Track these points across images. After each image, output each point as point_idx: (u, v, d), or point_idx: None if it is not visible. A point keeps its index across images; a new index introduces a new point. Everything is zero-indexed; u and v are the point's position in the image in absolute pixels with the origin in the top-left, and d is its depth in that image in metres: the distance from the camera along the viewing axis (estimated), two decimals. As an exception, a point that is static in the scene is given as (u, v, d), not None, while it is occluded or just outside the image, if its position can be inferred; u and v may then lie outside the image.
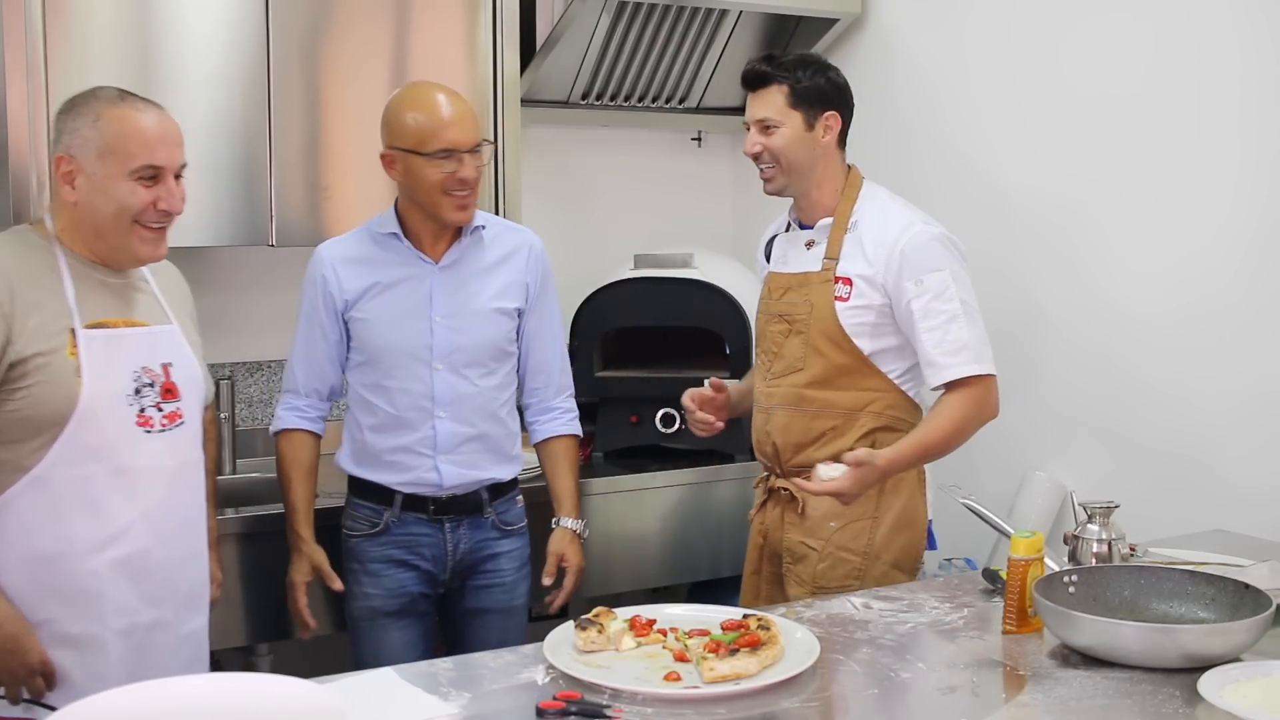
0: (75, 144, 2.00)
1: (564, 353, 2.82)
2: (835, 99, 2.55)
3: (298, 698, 1.55)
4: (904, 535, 2.54)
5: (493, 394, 2.63)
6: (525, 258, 2.65)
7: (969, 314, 2.47)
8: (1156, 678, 1.73)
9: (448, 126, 2.49)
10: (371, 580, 2.62)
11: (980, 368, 2.46)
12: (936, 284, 2.46)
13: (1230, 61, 2.66)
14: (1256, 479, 2.62)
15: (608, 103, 3.75)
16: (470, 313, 2.59)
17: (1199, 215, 2.74)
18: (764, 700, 1.68)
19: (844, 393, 2.53)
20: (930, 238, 2.49)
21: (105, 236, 2.05)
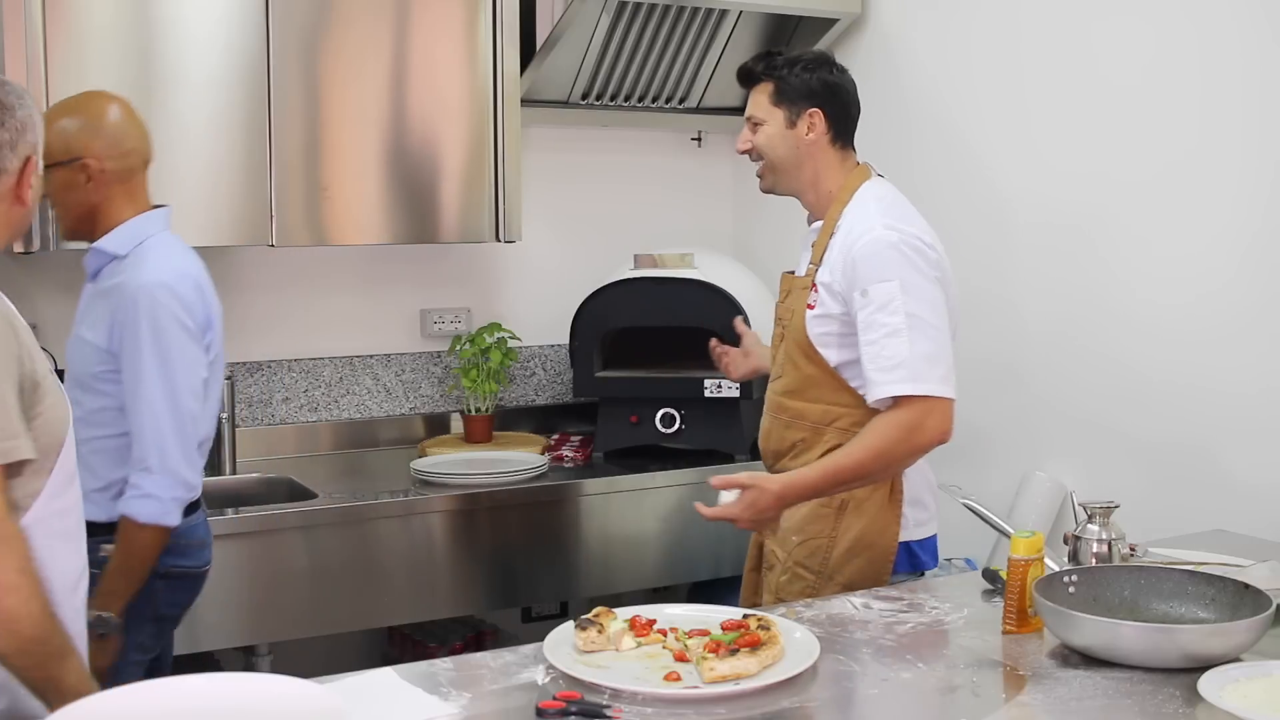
0: (36, 142, 1.77)
1: (156, 423, 2.33)
2: (821, 95, 2.44)
3: (298, 698, 1.55)
4: (861, 559, 2.39)
5: (78, 427, 2.12)
6: (123, 294, 2.33)
7: (915, 328, 2.27)
8: (1156, 678, 1.73)
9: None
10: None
11: (915, 388, 2.25)
12: (882, 295, 2.29)
13: (1232, 57, 2.66)
14: (1257, 479, 2.63)
15: (608, 103, 3.75)
16: (83, 332, 2.40)
17: (1200, 214, 2.74)
18: (764, 700, 1.68)
19: (813, 405, 2.41)
20: (885, 244, 2.31)
21: (16, 237, 1.87)
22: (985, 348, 3.20)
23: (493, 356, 3.56)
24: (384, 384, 3.66)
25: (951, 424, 2.31)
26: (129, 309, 2.31)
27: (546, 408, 3.88)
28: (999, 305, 3.19)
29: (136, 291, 2.32)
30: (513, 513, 3.13)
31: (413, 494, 3.09)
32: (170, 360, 2.33)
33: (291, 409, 3.54)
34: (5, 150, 1.71)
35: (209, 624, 2.80)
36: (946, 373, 2.29)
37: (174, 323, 2.33)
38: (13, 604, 1.56)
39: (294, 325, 3.55)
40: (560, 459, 3.47)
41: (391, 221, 3.24)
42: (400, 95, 3.21)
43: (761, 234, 3.99)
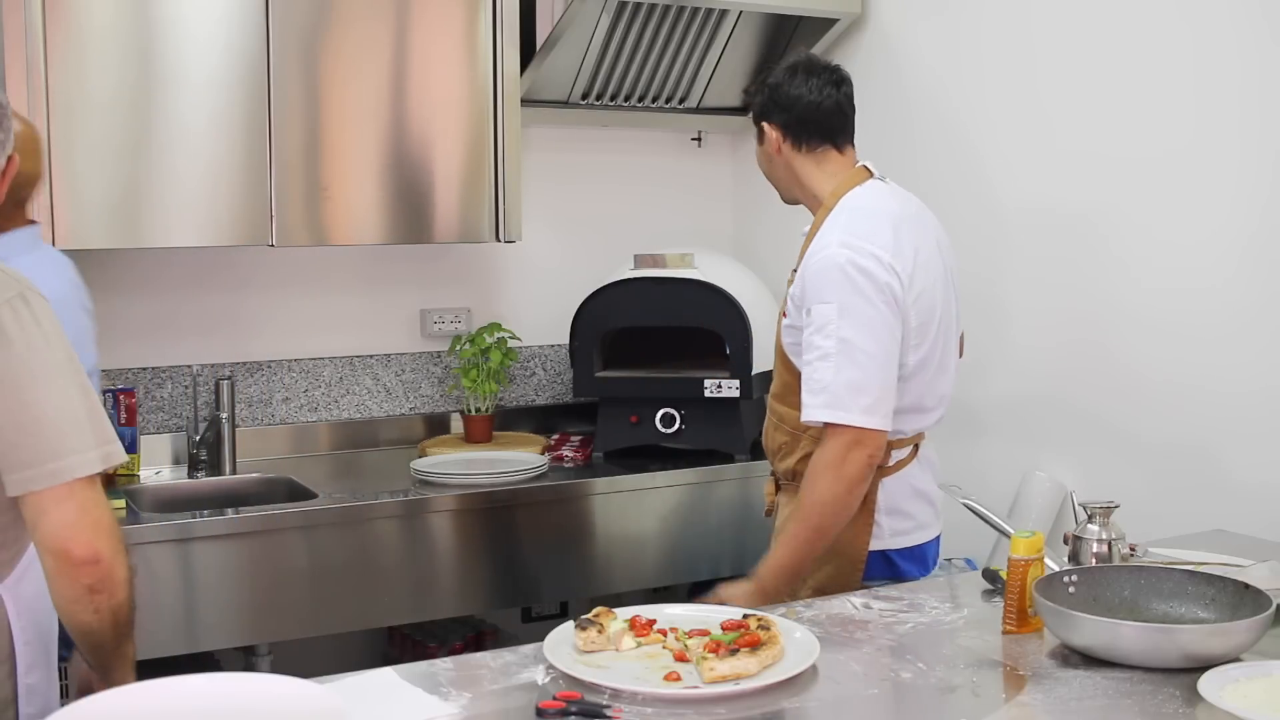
0: (12, 140, 1.76)
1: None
2: (769, 108, 2.47)
3: (298, 698, 1.55)
4: (831, 565, 2.40)
5: None
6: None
7: (844, 354, 2.25)
8: (1156, 678, 1.73)
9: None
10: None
11: (834, 415, 2.25)
12: (820, 317, 2.29)
13: (1229, 55, 2.66)
14: (1257, 479, 2.63)
15: (608, 103, 3.75)
16: None
17: (1199, 213, 2.74)
18: (764, 700, 1.68)
19: (791, 410, 2.41)
20: (831, 264, 2.29)
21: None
22: (985, 347, 3.20)
23: (493, 356, 3.56)
24: (384, 384, 3.67)
25: (880, 451, 2.31)
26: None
27: (546, 408, 3.88)
28: (999, 304, 3.19)
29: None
30: (513, 513, 3.13)
31: (413, 494, 3.09)
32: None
33: (291, 409, 3.54)
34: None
35: (209, 624, 2.80)
36: (873, 403, 2.26)
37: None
38: (125, 596, 1.68)
39: (294, 325, 3.55)
40: (560, 459, 3.47)
41: (391, 221, 3.24)
42: (400, 95, 3.21)
43: (761, 234, 3.99)
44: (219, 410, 3.27)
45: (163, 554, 2.74)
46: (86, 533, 1.62)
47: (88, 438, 1.63)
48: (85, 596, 1.64)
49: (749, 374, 3.37)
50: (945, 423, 3.38)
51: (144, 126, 2.93)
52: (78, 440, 1.62)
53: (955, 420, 3.31)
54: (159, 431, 3.36)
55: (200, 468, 3.27)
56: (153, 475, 3.26)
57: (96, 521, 1.63)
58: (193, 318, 3.41)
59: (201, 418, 3.33)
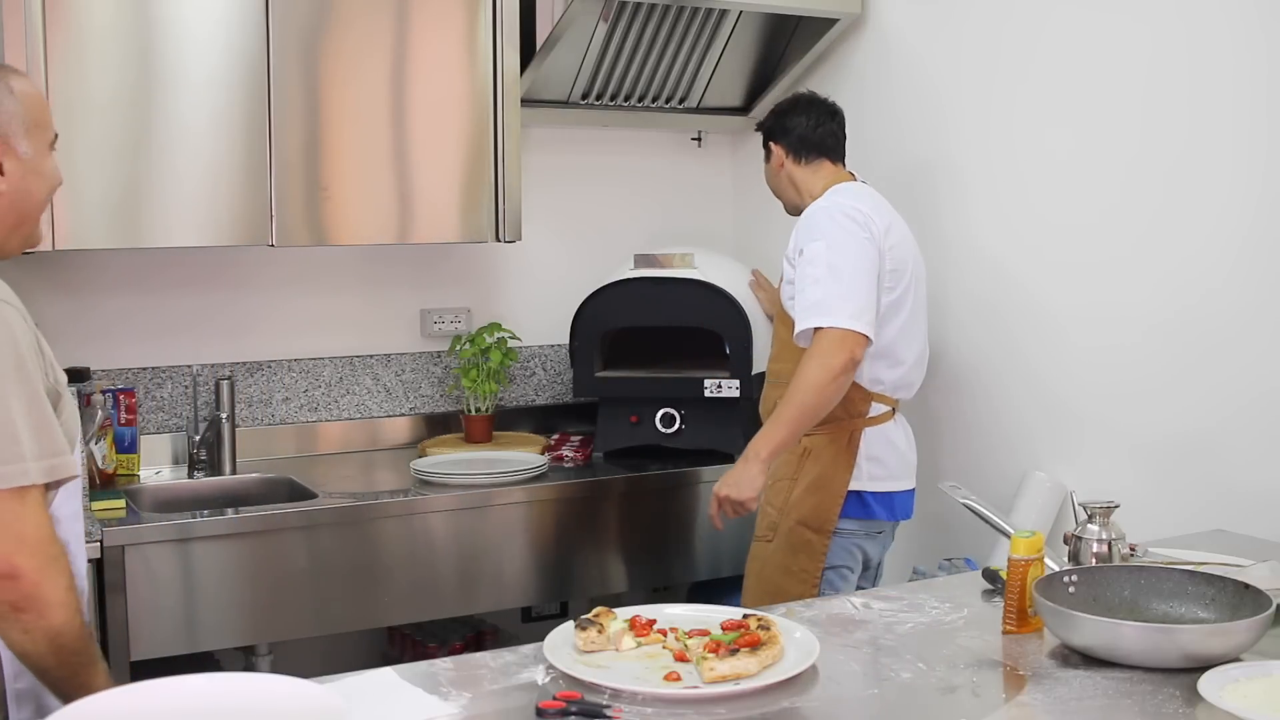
0: (2, 122, 1.68)
1: None
2: (774, 132, 3.00)
3: (298, 698, 1.55)
4: (815, 498, 2.82)
5: None
6: None
7: (834, 276, 2.68)
8: (1156, 678, 1.73)
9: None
10: None
11: (824, 320, 2.66)
12: (811, 252, 2.73)
13: (1224, 63, 2.66)
14: (1257, 479, 2.62)
15: (608, 103, 3.75)
16: None
17: (1197, 214, 2.73)
18: (764, 700, 1.68)
19: (785, 365, 2.83)
20: (820, 212, 2.79)
21: (24, 226, 1.76)
22: (985, 348, 3.20)
23: (493, 356, 3.56)
24: (384, 384, 3.66)
25: (861, 353, 2.69)
26: None
27: (546, 408, 3.88)
28: (998, 304, 3.19)
29: None
30: (513, 513, 3.13)
31: (413, 494, 3.09)
32: None
33: (291, 409, 3.54)
34: None
35: (209, 624, 2.80)
36: (857, 310, 2.67)
37: None
38: (62, 620, 1.59)
39: (294, 325, 3.55)
40: (560, 459, 3.47)
41: (391, 221, 3.24)
42: (400, 95, 3.21)
43: (762, 234, 3.98)
44: (219, 410, 3.27)
45: (163, 554, 2.74)
46: (4, 546, 1.55)
47: (18, 450, 1.56)
48: (9, 615, 1.57)
49: (749, 374, 3.37)
50: (945, 423, 3.39)
51: (144, 126, 2.93)
52: (5, 451, 1.55)
53: (955, 420, 3.32)
54: (159, 431, 3.36)
55: (200, 468, 3.27)
56: (153, 475, 3.26)
57: (19, 536, 1.56)
58: (193, 318, 3.41)
59: (201, 418, 3.33)
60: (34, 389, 1.60)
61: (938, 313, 3.18)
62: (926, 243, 3.10)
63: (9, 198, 1.70)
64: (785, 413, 2.69)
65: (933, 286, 3.10)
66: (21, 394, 1.58)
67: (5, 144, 1.69)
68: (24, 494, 1.57)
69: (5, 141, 1.69)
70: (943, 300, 3.25)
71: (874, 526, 2.89)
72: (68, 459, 1.63)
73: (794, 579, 2.78)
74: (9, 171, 1.70)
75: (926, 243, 3.10)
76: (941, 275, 3.24)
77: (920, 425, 3.15)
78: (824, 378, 2.65)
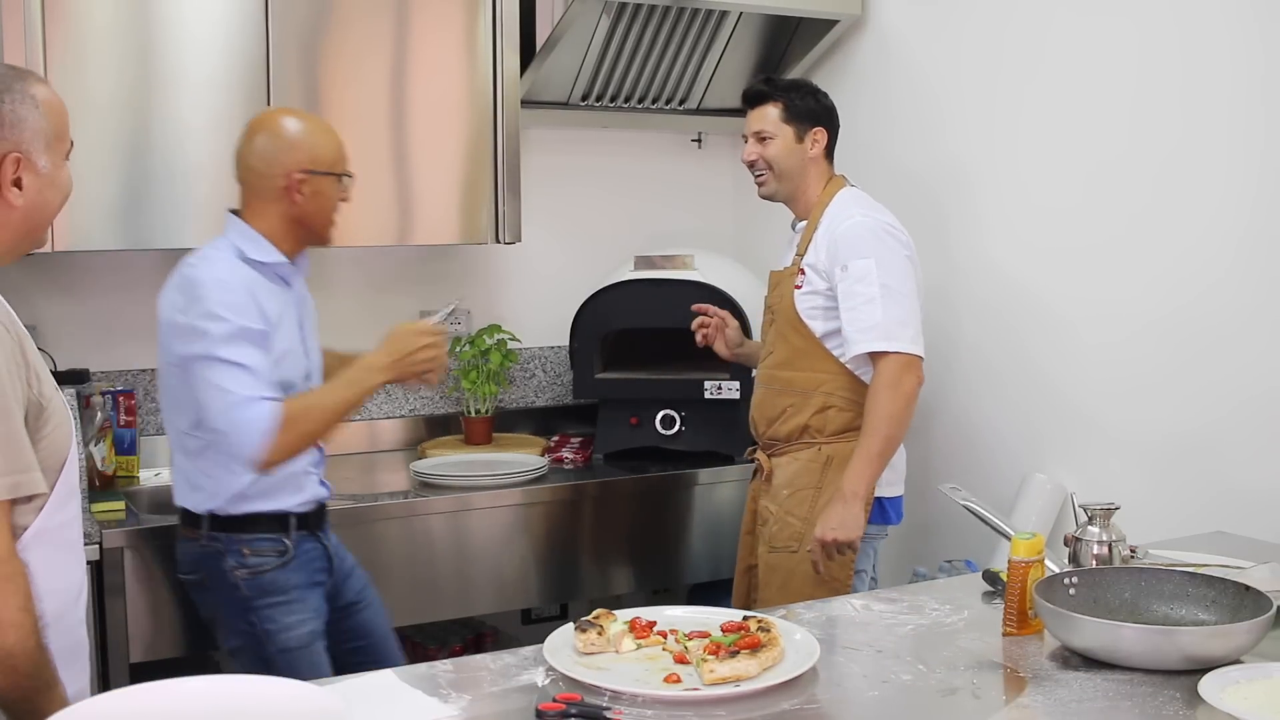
0: (25, 137, 1.67)
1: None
2: (823, 118, 2.91)
3: (298, 698, 1.55)
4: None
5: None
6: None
7: (889, 298, 2.71)
8: (1157, 680, 1.73)
9: (345, 152, 2.57)
10: (299, 606, 2.49)
11: (887, 344, 2.70)
12: (859, 270, 2.73)
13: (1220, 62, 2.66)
14: (1257, 480, 2.62)
15: (608, 104, 3.75)
16: (314, 331, 2.65)
17: (1195, 214, 2.73)
18: (764, 702, 1.68)
19: (800, 373, 2.84)
20: (862, 228, 2.78)
21: (33, 235, 1.75)
22: (985, 349, 3.20)
23: (492, 358, 3.55)
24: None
25: (922, 375, 2.74)
26: None
27: (546, 409, 3.87)
28: (997, 306, 3.19)
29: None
30: (512, 514, 3.13)
31: (412, 495, 3.09)
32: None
33: (291, 410, 3.53)
34: None
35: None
36: (915, 334, 2.74)
37: None
38: (14, 640, 1.57)
39: (294, 326, 3.54)
40: (560, 460, 3.47)
41: (391, 222, 3.24)
42: (400, 96, 3.21)
43: (762, 235, 3.98)
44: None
45: (162, 556, 2.73)
46: None
47: None
48: None
49: (749, 375, 3.37)
50: (946, 426, 3.40)
51: (144, 126, 2.93)
52: None
53: (955, 421, 3.31)
54: (159, 433, 3.35)
55: (200, 469, 3.26)
56: (152, 477, 3.25)
57: None
58: (192, 319, 3.40)
59: (201, 419, 3.32)
60: (4, 405, 1.57)
61: (936, 316, 3.18)
62: (925, 245, 3.10)
63: (24, 211, 1.70)
64: (873, 446, 2.70)
65: (931, 289, 3.09)
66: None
67: (26, 159, 1.68)
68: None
69: (27, 157, 1.68)
70: (941, 303, 3.24)
71: (885, 530, 2.90)
72: (34, 475, 1.61)
73: (826, 588, 2.72)
74: (27, 186, 1.69)
75: (925, 245, 3.10)
76: (940, 277, 3.24)
77: (921, 427, 3.15)
78: (900, 406, 2.70)
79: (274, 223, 2.48)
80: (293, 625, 2.48)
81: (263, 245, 2.47)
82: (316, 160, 2.47)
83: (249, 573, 2.46)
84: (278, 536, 2.48)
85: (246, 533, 2.46)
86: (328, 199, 2.51)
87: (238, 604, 2.47)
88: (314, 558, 2.55)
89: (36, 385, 1.65)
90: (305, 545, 2.53)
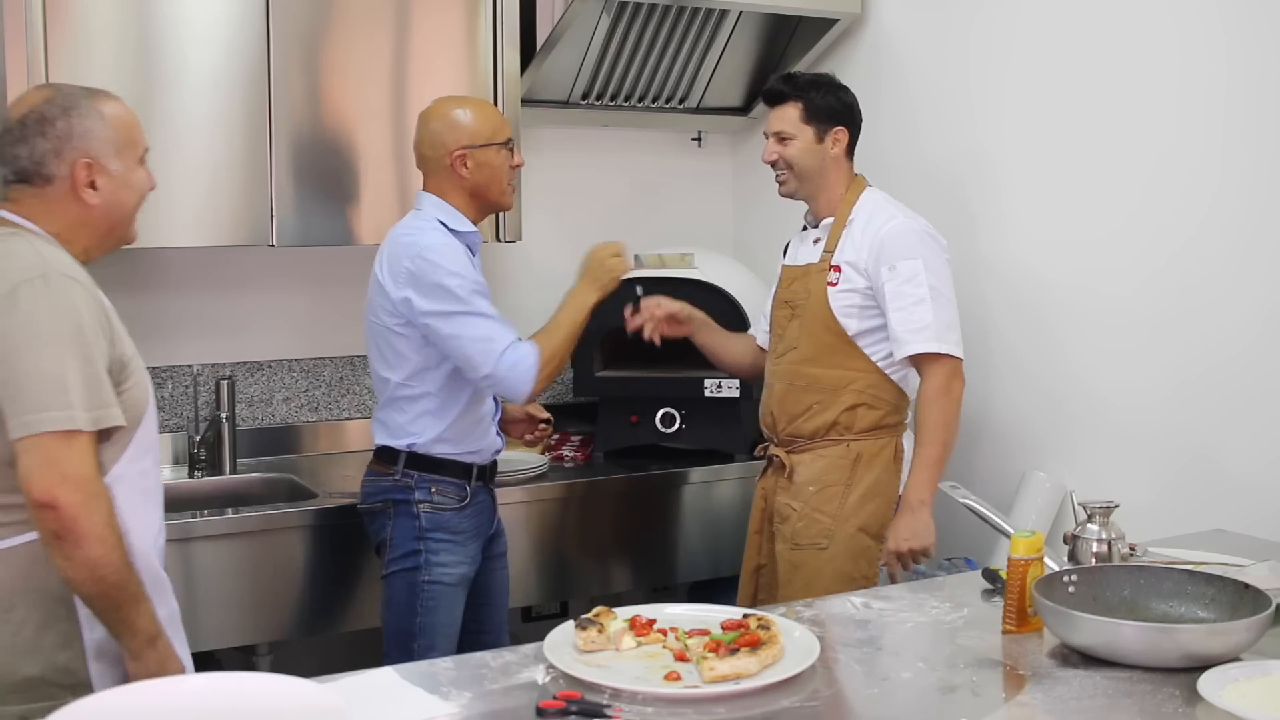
0: (93, 146, 1.95)
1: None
2: (844, 116, 2.88)
3: (298, 698, 1.55)
4: (873, 504, 2.81)
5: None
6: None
7: (936, 300, 2.74)
8: (1156, 677, 1.73)
9: (506, 121, 2.77)
10: (461, 549, 2.70)
11: (939, 346, 2.73)
12: (908, 270, 2.74)
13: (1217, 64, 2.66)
14: (1257, 479, 2.63)
15: (608, 103, 3.75)
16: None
17: (1197, 212, 2.73)
18: (764, 700, 1.68)
19: (830, 370, 2.82)
20: (908, 230, 2.79)
21: (116, 230, 2.04)
22: (985, 348, 3.20)
23: (493, 356, 3.55)
24: (384, 384, 3.66)
25: (964, 379, 2.79)
26: None
27: (546, 407, 3.85)
28: (998, 304, 3.19)
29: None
30: (513, 512, 3.13)
31: (413, 494, 3.09)
32: None
33: (291, 409, 3.54)
34: (50, 157, 1.92)
35: (209, 624, 2.80)
36: (959, 338, 2.77)
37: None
38: (100, 552, 1.79)
39: (294, 325, 3.55)
40: (560, 459, 3.47)
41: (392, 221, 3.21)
42: (400, 95, 3.21)
43: (761, 234, 3.98)
44: (219, 410, 3.27)
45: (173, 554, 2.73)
46: (47, 479, 1.76)
47: (68, 399, 1.79)
48: (53, 544, 1.78)
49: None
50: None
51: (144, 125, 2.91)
52: (54, 400, 1.78)
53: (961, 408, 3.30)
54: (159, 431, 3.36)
55: (200, 468, 3.27)
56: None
57: (61, 473, 1.77)
58: (193, 318, 3.41)
59: (202, 418, 3.33)
60: (90, 353, 1.83)
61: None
62: (926, 243, 3.10)
63: (102, 210, 1.98)
64: (932, 454, 2.73)
65: (932, 286, 3.09)
66: (76, 355, 1.81)
67: (97, 164, 1.95)
68: (70, 437, 1.79)
69: (97, 162, 1.95)
70: (943, 300, 3.24)
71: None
72: (113, 410, 1.85)
73: (855, 585, 2.72)
74: (101, 188, 1.97)
75: (926, 243, 3.10)
76: (941, 275, 3.24)
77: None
78: (953, 413, 2.75)
79: (456, 197, 2.70)
80: (450, 564, 2.68)
81: (457, 216, 2.69)
82: (475, 135, 2.67)
83: (432, 508, 2.67)
84: (461, 483, 2.70)
85: (437, 474, 2.69)
86: (495, 169, 2.70)
87: (413, 532, 2.67)
88: (484, 509, 2.77)
89: (120, 345, 1.91)
90: (480, 496, 2.75)
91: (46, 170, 1.93)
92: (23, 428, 1.78)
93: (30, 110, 1.94)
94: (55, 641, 1.87)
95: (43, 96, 1.96)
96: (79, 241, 2.00)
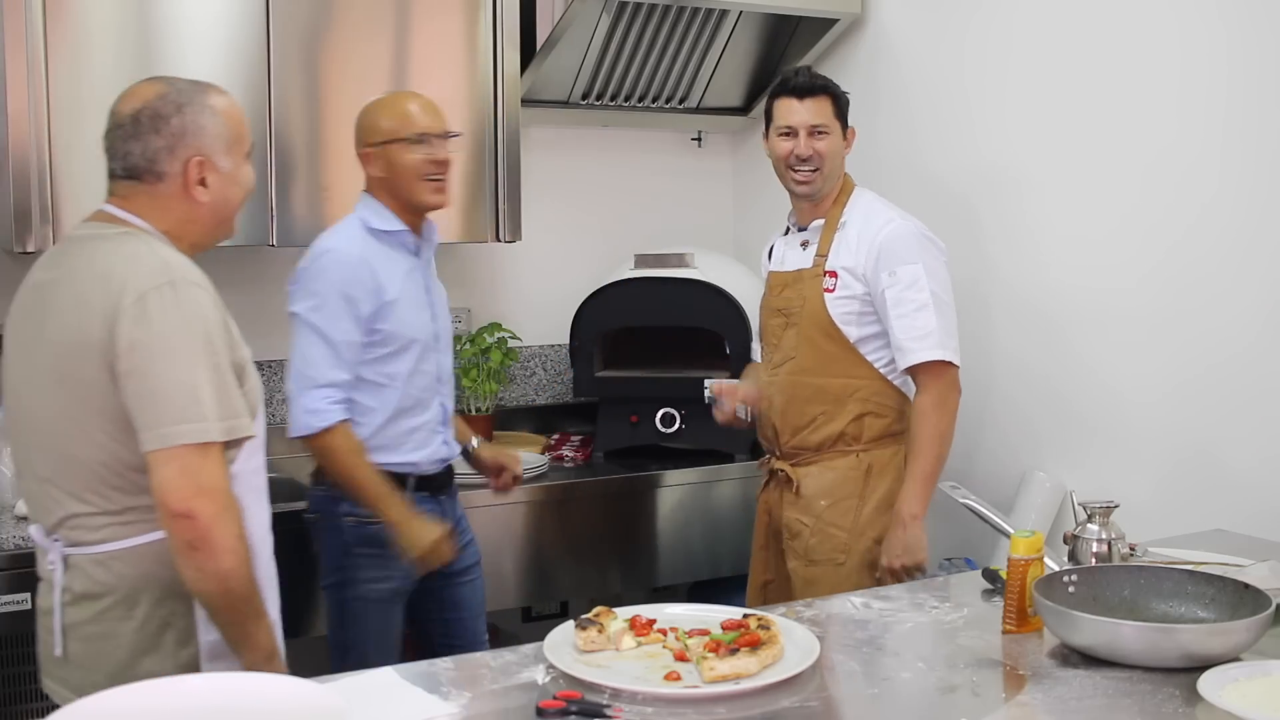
0: (205, 143, 1.93)
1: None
2: (847, 117, 2.82)
3: (298, 698, 1.56)
4: (887, 515, 2.72)
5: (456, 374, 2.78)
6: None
7: (938, 305, 2.68)
8: (1156, 677, 1.73)
9: (420, 114, 2.62)
10: (391, 563, 2.57)
11: (943, 354, 2.67)
12: (909, 276, 2.68)
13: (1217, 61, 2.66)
14: (1257, 479, 2.63)
15: (608, 103, 3.75)
16: (443, 299, 2.75)
17: (1197, 212, 2.73)
18: (764, 700, 1.68)
19: (833, 379, 2.75)
20: (907, 233, 2.72)
21: (222, 227, 2.04)
22: (985, 348, 3.20)
23: (493, 356, 3.56)
24: (384, 384, 3.66)
25: (960, 386, 2.74)
26: None
27: (547, 407, 3.88)
28: (997, 305, 3.19)
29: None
30: (513, 512, 3.13)
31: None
32: None
33: (291, 409, 3.53)
34: (163, 155, 1.91)
35: (209, 624, 2.80)
36: (957, 344, 2.72)
37: None
38: (231, 565, 1.81)
39: (294, 325, 3.54)
40: (560, 459, 3.47)
41: (391, 221, 3.24)
42: (400, 95, 3.21)
43: (761, 234, 3.98)
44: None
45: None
46: (184, 491, 1.77)
47: (203, 410, 1.79)
48: (185, 553, 1.79)
49: (749, 374, 3.37)
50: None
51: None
52: (190, 412, 1.78)
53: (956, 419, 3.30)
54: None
55: (200, 467, 3.26)
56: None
57: (198, 484, 1.78)
58: (193, 317, 3.40)
59: (202, 417, 3.32)
60: (218, 361, 1.84)
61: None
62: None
63: (210, 206, 1.97)
64: (925, 467, 2.67)
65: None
66: (207, 364, 1.82)
67: (209, 161, 1.93)
68: (205, 449, 1.80)
69: (208, 159, 1.93)
70: (943, 300, 3.24)
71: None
72: (245, 421, 1.87)
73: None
74: (211, 185, 1.95)
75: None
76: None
77: (920, 425, 3.14)
78: (948, 425, 2.70)
79: (381, 195, 2.63)
80: (378, 579, 2.59)
81: (385, 216, 2.61)
82: (373, 132, 2.60)
83: (356, 520, 2.57)
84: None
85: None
86: (402, 166, 2.58)
87: (339, 547, 2.61)
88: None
89: (238, 349, 1.92)
90: (422, 508, 2.60)
91: (159, 168, 1.92)
92: (158, 440, 1.78)
93: (144, 105, 1.91)
94: (175, 639, 1.89)
95: (155, 91, 1.93)
96: (186, 238, 2.00)
